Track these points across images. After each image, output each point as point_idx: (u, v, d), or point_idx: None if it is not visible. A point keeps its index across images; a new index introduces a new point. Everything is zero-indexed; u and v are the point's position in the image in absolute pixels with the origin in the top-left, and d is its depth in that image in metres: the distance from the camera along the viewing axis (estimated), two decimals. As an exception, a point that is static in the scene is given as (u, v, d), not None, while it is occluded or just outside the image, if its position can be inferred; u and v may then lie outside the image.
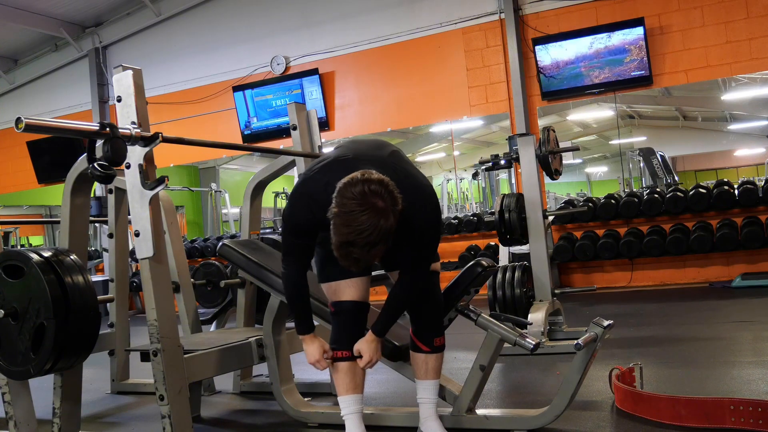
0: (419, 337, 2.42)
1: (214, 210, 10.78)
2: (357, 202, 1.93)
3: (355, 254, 1.96)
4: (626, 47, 7.21)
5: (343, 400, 2.37)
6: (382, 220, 1.93)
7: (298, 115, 3.52)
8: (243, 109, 9.08)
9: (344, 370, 2.34)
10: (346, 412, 2.37)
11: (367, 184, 1.95)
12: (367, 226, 1.91)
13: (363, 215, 1.92)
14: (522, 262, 4.45)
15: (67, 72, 10.44)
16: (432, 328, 2.42)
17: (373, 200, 1.94)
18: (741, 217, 6.75)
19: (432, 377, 2.44)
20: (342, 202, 1.95)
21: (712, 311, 5.32)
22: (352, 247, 1.94)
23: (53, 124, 2.26)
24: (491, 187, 9.42)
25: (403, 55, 8.37)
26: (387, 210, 1.95)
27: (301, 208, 2.22)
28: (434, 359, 2.43)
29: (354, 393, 2.36)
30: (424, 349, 2.41)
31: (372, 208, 1.93)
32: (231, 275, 4.24)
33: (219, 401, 3.55)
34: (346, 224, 1.93)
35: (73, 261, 2.47)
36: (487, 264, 2.56)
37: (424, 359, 2.42)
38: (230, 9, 9.28)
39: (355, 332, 2.35)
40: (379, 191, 1.95)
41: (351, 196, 1.94)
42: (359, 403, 2.38)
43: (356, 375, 2.36)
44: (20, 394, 2.77)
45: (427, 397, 2.45)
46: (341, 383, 2.36)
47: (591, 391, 2.93)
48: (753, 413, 2.25)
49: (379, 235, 1.93)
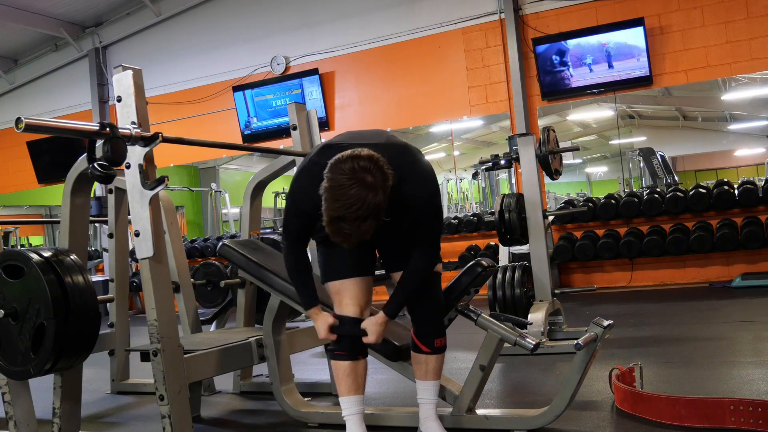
0: (420, 338, 2.42)
1: (214, 210, 10.78)
2: (346, 177, 1.97)
3: (345, 229, 1.98)
4: (626, 47, 7.22)
5: (344, 401, 2.38)
6: (371, 194, 1.96)
7: (298, 115, 3.52)
8: (243, 109, 9.08)
9: (346, 372, 2.35)
10: (347, 413, 2.37)
11: (356, 161, 1.99)
12: (356, 200, 1.94)
13: (352, 189, 1.95)
14: (522, 262, 4.45)
15: (67, 72, 10.45)
16: (432, 328, 2.42)
17: (362, 175, 1.97)
18: (741, 217, 6.75)
19: (432, 378, 2.44)
20: (332, 177, 1.99)
21: (712, 311, 5.32)
22: (342, 222, 1.97)
23: (53, 124, 2.26)
24: (491, 187, 9.42)
25: (403, 55, 8.37)
26: (376, 185, 1.97)
27: (299, 191, 2.27)
28: (435, 360, 2.43)
29: (355, 394, 2.37)
30: (424, 350, 2.42)
31: (361, 182, 1.96)
32: (231, 275, 4.24)
33: (219, 401, 3.55)
34: (336, 199, 1.96)
35: (73, 261, 2.47)
36: (487, 264, 2.56)
37: (425, 360, 2.43)
38: (230, 9, 9.28)
39: (355, 339, 2.37)
40: (368, 167, 1.98)
41: (341, 171, 1.98)
42: (360, 404, 2.38)
43: (358, 376, 2.37)
44: (20, 394, 2.77)
45: (427, 398, 2.45)
46: (342, 384, 2.36)
47: (591, 391, 2.93)
48: (753, 413, 2.25)
49: (368, 209, 1.95)
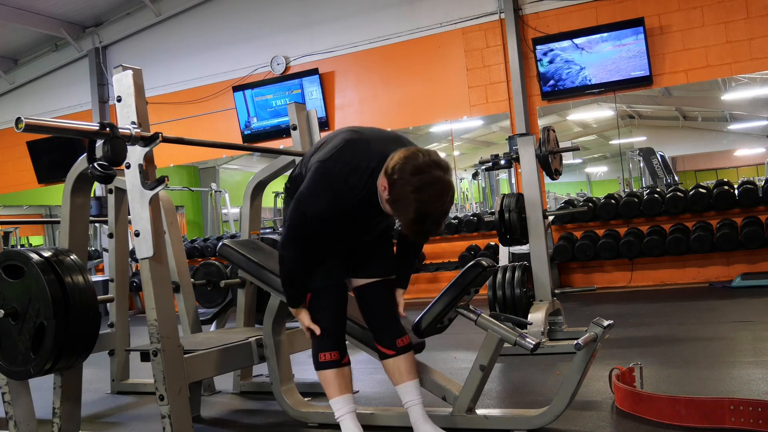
0: (381, 343, 2.43)
1: (214, 210, 10.78)
2: (439, 169, 1.98)
3: (430, 222, 2.00)
4: (626, 47, 7.21)
5: (335, 402, 2.37)
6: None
7: (298, 115, 3.52)
8: (243, 109, 9.08)
9: (333, 374, 2.35)
10: (340, 413, 2.37)
11: (426, 155, 2.01)
12: (450, 187, 2.00)
13: (446, 178, 2.00)
14: (522, 262, 4.45)
15: (67, 72, 10.44)
16: (392, 329, 2.42)
17: (446, 166, 2.02)
18: (741, 217, 6.75)
19: (408, 379, 2.41)
20: (418, 177, 1.96)
21: (712, 311, 5.32)
22: (432, 216, 1.99)
23: (53, 124, 2.26)
24: (491, 187, 9.41)
25: (403, 55, 8.37)
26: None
27: (323, 191, 2.15)
28: (403, 361, 2.41)
29: (345, 393, 2.37)
30: (388, 353, 2.41)
31: (448, 169, 2.02)
32: (231, 275, 4.24)
33: (219, 401, 3.55)
34: (439, 194, 1.97)
35: (73, 261, 2.47)
36: (487, 264, 2.55)
37: (393, 363, 2.42)
38: (230, 9, 9.28)
39: (340, 330, 2.39)
40: (439, 158, 2.02)
41: (423, 167, 1.97)
42: (351, 402, 2.38)
43: (344, 376, 2.37)
44: (20, 394, 2.77)
45: (411, 400, 2.41)
46: (330, 386, 2.36)
47: (591, 391, 2.93)
48: (753, 413, 2.25)
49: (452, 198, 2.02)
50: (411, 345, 2.45)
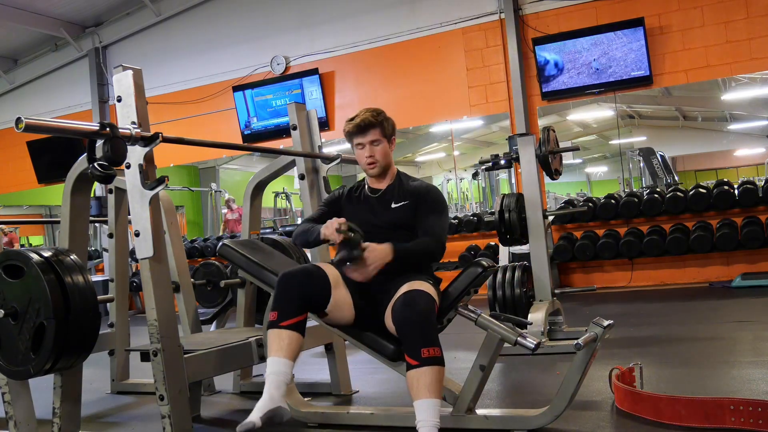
0: (406, 350, 2.23)
1: (214, 210, 10.79)
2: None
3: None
4: (626, 47, 7.22)
5: (268, 360, 2.32)
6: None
7: (298, 115, 3.52)
8: (243, 109, 9.08)
9: (275, 333, 2.32)
10: (267, 372, 2.30)
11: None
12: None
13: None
14: (522, 262, 4.45)
15: (67, 72, 10.44)
16: (418, 337, 2.21)
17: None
18: (741, 217, 6.75)
19: (425, 396, 2.16)
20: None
21: (712, 311, 5.32)
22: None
23: (53, 124, 2.26)
24: (491, 187, 9.42)
25: (403, 55, 8.37)
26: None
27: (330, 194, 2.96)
28: (425, 374, 2.17)
29: (277, 356, 2.30)
30: (411, 362, 2.19)
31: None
32: (231, 275, 4.24)
33: (219, 401, 3.55)
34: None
35: (73, 261, 2.47)
36: (487, 264, 2.55)
37: (414, 375, 2.18)
38: (230, 9, 9.28)
39: (295, 295, 2.36)
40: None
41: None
42: (283, 366, 2.29)
43: (282, 339, 2.31)
44: (20, 394, 2.77)
45: (423, 419, 2.16)
46: (271, 344, 2.32)
47: (591, 391, 2.93)
48: (753, 413, 2.25)
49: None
50: (438, 359, 2.20)
